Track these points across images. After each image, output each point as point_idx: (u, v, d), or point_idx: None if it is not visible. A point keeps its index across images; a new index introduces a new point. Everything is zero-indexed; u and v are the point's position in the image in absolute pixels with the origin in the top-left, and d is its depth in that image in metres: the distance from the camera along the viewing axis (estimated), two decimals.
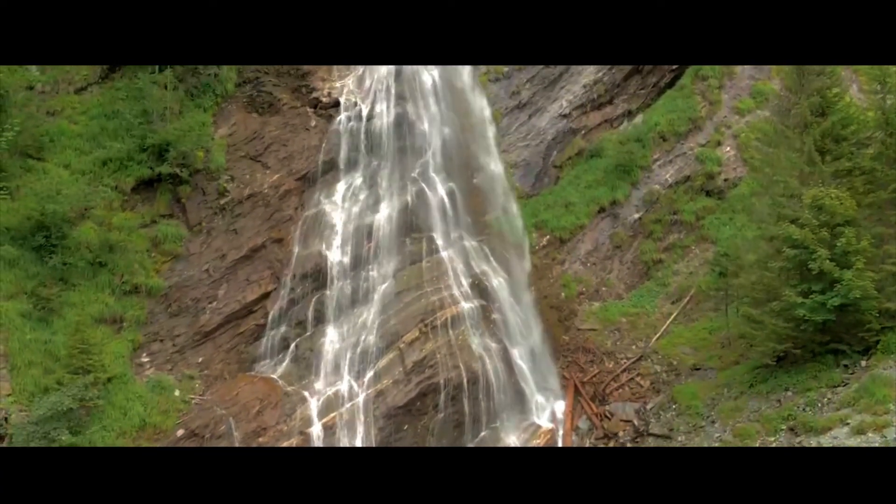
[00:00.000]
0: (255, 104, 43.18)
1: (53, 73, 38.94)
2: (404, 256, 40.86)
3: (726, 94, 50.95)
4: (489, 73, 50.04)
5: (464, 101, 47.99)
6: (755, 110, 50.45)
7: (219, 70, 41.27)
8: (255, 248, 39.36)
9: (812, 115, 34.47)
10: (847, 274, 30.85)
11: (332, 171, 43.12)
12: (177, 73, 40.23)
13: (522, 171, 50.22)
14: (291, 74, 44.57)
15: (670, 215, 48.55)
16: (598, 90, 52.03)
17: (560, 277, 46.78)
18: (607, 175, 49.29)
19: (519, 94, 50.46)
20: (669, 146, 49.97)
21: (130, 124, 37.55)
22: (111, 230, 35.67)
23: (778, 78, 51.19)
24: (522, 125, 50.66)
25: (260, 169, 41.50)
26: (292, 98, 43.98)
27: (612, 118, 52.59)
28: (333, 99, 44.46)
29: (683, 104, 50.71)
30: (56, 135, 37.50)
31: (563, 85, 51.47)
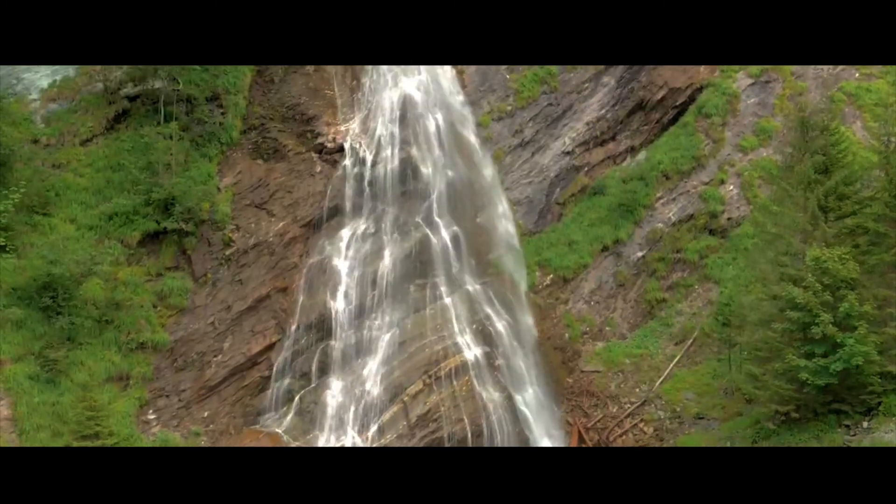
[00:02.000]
0: (260, 151, 43.37)
1: (58, 125, 39.20)
2: (408, 304, 41.11)
3: (729, 132, 51.00)
4: (492, 112, 50.14)
5: (467, 142, 48.17)
6: (759, 148, 50.52)
7: (224, 118, 41.47)
8: (260, 298, 39.60)
9: (816, 172, 34.54)
10: (849, 339, 31.01)
11: (337, 216, 43.33)
12: (182, 123, 40.44)
13: (525, 209, 50.36)
14: (296, 119, 44.76)
15: (673, 254, 48.66)
16: (600, 127, 52.13)
17: (563, 317, 46.95)
18: (610, 213, 49.42)
19: (522, 132, 50.56)
20: (672, 184, 50.08)
21: (136, 178, 37.77)
22: (117, 286, 35.92)
23: (781, 115, 51.28)
24: (525, 162, 50.79)
25: (265, 217, 41.70)
26: (297, 144, 44.15)
27: (615, 154, 52.67)
28: (338, 144, 44.63)
29: (686, 142, 50.77)
30: (62, 189, 37.75)
31: (565, 122, 51.57)
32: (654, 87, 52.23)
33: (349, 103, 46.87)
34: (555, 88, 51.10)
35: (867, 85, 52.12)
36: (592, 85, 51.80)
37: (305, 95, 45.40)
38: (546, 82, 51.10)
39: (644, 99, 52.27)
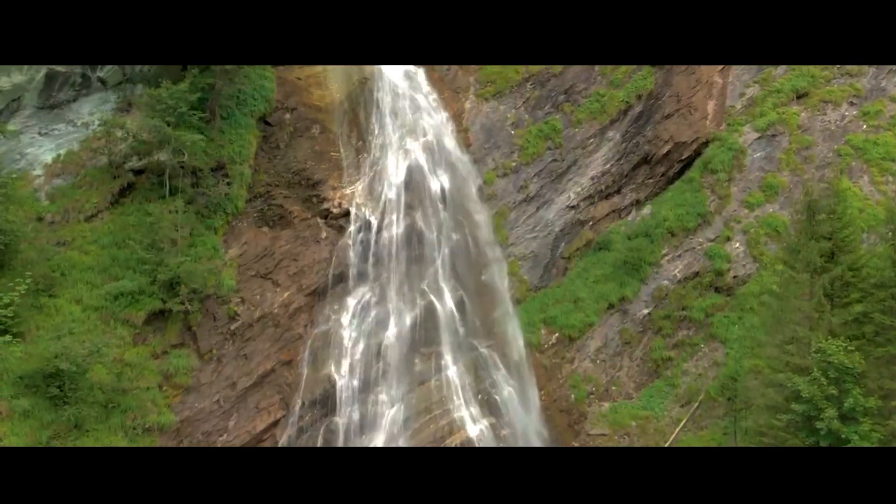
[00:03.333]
0: (265, 218, 43.41)
1: (63, 201, 39.21)
2: (413, 376, 41.19)
3: (735, 187, 50.84)
4: (497, 168, 50.09)
5: (472, 201, 48.19)
6: (765, 204, 50.33)
7: (229, 189, 41.50)
8: (264, 373, 39.70)
9: (822, 258, 34.40)
10: (854, 435, 30.95)
11: (342, 283, 43.39)
12: (187, 196, 40.47)
13: (531, 264, 50.34)
14: (302, 185, 44.78)
15: (679, 311, 48.56)
16: (605, 181, 52.03)
17: (569, 378, 46.93)
18: (616, 270, 49.34)
19: (527, 187, 50.49)
20: (678, 241, 49.95)
21: (142, 257, 37.81)
22: (123, 368, 35.98)
23: (788, 170, 51.13)
24: (530, 217, 50.73)
25: (270, 287, 41.75)
26: (303, 209, 44.17)
27: (620, 208, 52.59)
28: (344, 209, 44.67)
29: (692, 198, 50.63)
30: (67, 268, 37.80)
31: (570, 177, 51.48)
32: (659, 141, 52.09)
33: (355, 164, 46.87)
34: (559, 144, 50.99)
35: (874, 138, 51.84)
36: (597, 140, 51.68)
37: (311, 159, 45.41)
38: (550, 138, 51.02)
39: (649, 153, 52.14)
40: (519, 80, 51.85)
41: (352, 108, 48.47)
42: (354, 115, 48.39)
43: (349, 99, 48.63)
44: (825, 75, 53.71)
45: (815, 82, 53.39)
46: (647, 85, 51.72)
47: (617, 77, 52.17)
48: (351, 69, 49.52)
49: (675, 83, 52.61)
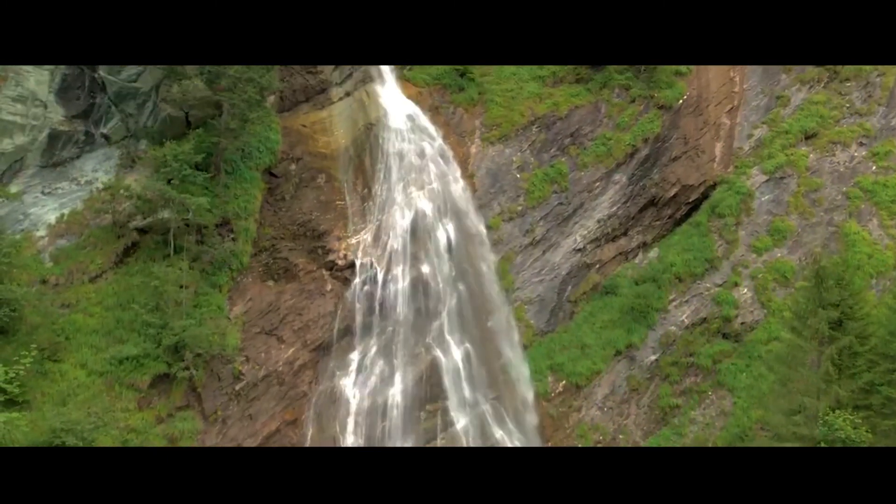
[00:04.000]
0: (270, 272, 43.26)
1: (67, 263, 39.08)
2: (418, 435, 41.04)
3: (743, 231, 50.48)
4: (503, 213, 49.85)
5: (478, 248, 47.99)
6: (773, 248, 49.97)
7: (234, 245, 41.34)
8: (269, 434, 39.61)
9: (830, 327, 34.11)
10: None
11: (347, 337, 43.26)
12: (192, 253, 40.33)
13: (537, 308, 50.11)
14: (307, 236, 44.60)
15: (687, 358, 48.30)
16: (612, 224, 51.75)
17: (577, 427, 46.72)
18: (623, 315, 49.10)
19: (533, 231, 50.23)
20: (685, 287, 49.66)
21: (146, 321, 37.69)
22: (128, 434, 35.89)
23: (796, 214, 50.74)
24: (536, 261, 50.49)
25: (275, 344, 41.62)
26: (308, 261, 44.01)
27: (627, 250, 52.30)
28: (349, 261, 44.49)
29: (699, 242, 50.31)
30: (72, 332, 37.69)
31: (576, 220, 51.21)
32: (666, 184, 51.77)
33: (360, 213, 46.68)
34: (565, 188, 50.72)
35: (884, 180, 51.42)
36: (603, 183, 51.37)
37: (316, 210, 45.23)
38: (556, 181, 50.75)
39: (656, 196, 51.84)
40: (524, 124, 51.57)
41: (357, 154, 48.25)
42: (360, 161, 48.17)
43: (355, 145, 48.41)
44: (834, 115, 53.27)
45: (824, 122, 52.96)
46: (654, 128, 51.37)
47: (623, 120, 51.82)
48: (357, 115, 49.38)
49: (682, 125, 52.27)
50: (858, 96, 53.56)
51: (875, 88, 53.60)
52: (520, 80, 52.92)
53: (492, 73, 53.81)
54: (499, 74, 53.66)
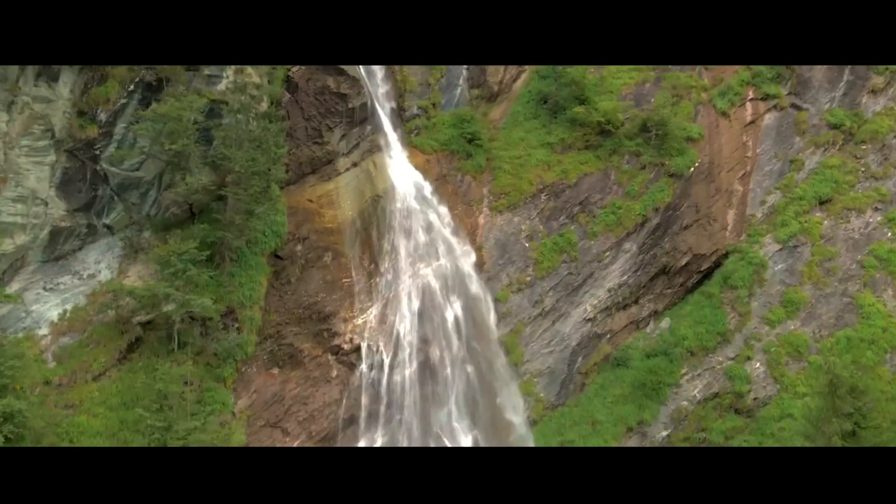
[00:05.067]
0: (275, 359, 42.67)
1: (70, 363, 38.52)
2: None
3: (756, 303, 49.67)
4: (512, 284, 49.13)
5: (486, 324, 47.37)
6: (786, 321, 49.17)
7: (239, 335, 40.74)
8: None
9: (843, 438, 33.46)
10: None
11: (353, 426, 42.74)
12: (196, 346, 39.78)
13: (547, 380, 49.48)
14: (313, 319, 43.96)
15: (699, 433, 47.68)
16: (622, 293, 51.00)
17: None
18: (634, 390, 48.45)
19: (542, 301, 49.52)
20: (697, 360, 48.95)
21: (151, 427, 37.09)
22: None
23: (810, 284, 49.87)
24: (546, 332, 49.81)
25: (280, 437, 41.10)
26: (313, 346, 43.40)
27: (638, 319, 51.57)
28: (355, 345, 43.87)
29: (711, 315, 49.55)
30: (76, 434, 37.15)
31: (586, 290, 50.47)
32: (677, 252, 50.99)
33: (367, 290, 46.02)
34: (575, 257, 49.96)
35: None
36: (613, 252, 50.58)
37: (322, 291, 44.58)
38: (566, 251, 49.98)
39: (668, 264, 51.09)
40: (533, 192, 50.78)
41: (364, 227, 47.57)
42: (367, 234, 47.49)
43: (361, 218, 47.73)
44: (849, 180, 52.31)
45: (839, 187, 52.03)
46: (664, 197, 50.54)
47: (633, 188, 50.98)
48: (364, 186, 48.70)
49: (693, 193, 51.41)
50: (874, 159, 52.59)
51: (891, 151, 52.61)
52: (528, 146, 52.10)
53: (499, 138, 53.06)
54: (507, 140, 52.89)
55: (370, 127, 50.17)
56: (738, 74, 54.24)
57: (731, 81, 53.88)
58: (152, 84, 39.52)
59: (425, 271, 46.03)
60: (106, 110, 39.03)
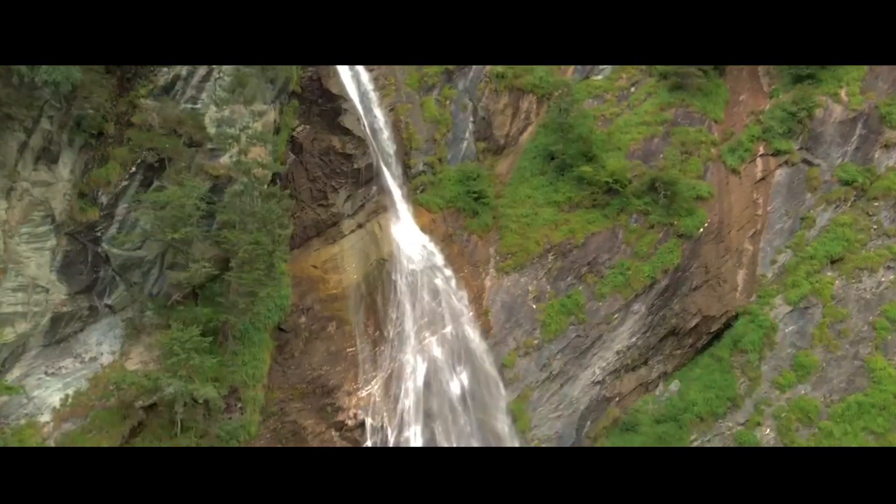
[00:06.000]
0: (279, 437, 42.23)
1: None
2: None
3: (766, 366, 48.98)
4: (519, 348, 48.54)
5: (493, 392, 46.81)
6: (796, 385, 48.47)
7: (242, 416, 40.26)
8: None
9: None
10: None
11: None
12: (199, 430, 39.30)
13: (555, 445, 48.90)
14: (316, 393, 43.49)
15: None
16: (631, 355, 50.37)
17: None
18: None
19: (549, 365, 48.93)
20: (707, 426, 48.33)
21: None
22: None
23: (821, 347, 49.18)
24: (553, 395, 49.24)
25: None
26: (317, 422, 42.92)
27: (647, 381, 50.95)
28: (359, 420, 43.34)
29: (721, 379, 48.90)
30: None
31: (595, 352, 49.85)
32: (687, 314, 50.29)
33: (371, 359, 45.49)
34: (583, 320, 49.32)
35: None
36: (622, 314, 49.92)
37: (326, 363, 44.10)
38: (574, 313, 49.34)
39: (677, 326, 50.41)
40: (540, 252, 50.13)
41: (369, 292, 47.02)
42: (372, 300, 46.94)
43: (367, 282, 47.19)
44: (861, 238, 51.46)
45: (851, 246, 51.19)
46: (673, 259, 49.82)
47: (641, 248, 50.28)
48: (369, 249, 48.17)
49: (703, 253, 50.68)
50: (887, 216, 51.75)
51: None
52: (535, 204, 51.43)
53: (506, 195, 52.39)
54: (513, 197, 52.21)
55: (375, 187, 49.61)
56: (749, 129, 53.47)
57: (741, 137, 53.10)
58: (154, 165, 38.91)
59: (431, 340, 45.52)
60: (107, 193, 38.47)
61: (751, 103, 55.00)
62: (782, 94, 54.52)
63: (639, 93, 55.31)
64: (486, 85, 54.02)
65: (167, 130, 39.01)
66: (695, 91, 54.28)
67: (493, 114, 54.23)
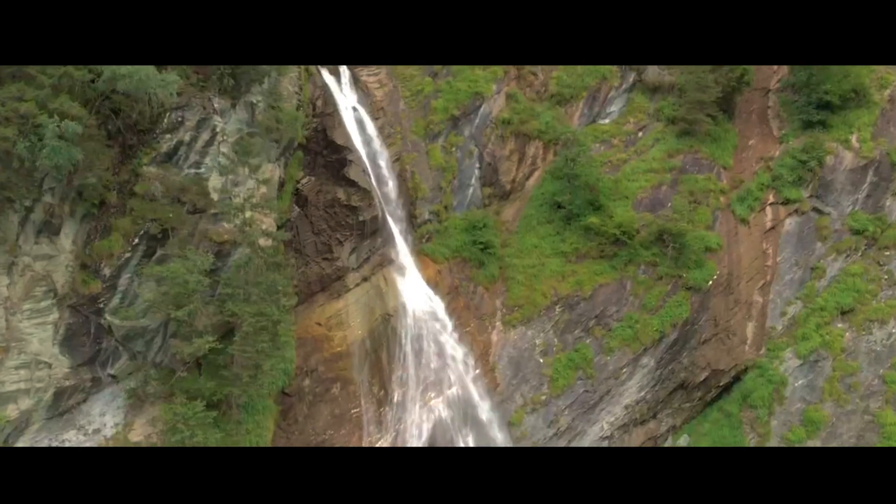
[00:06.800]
0: None
1: None
2: None
3: (776, 421, 48.56)
4: (526, 405, 48.10)
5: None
6: (806, 440, 48.03)
7: None
8: None
9: None
10: None
11: None
12: None
13: None
14: None
15: None
16: (640, 409, 49.95)
17: None
18: None
19: (557, 421, 48.50)
20: None
21: None
22: None
23: (831, 401, 48.72)
24: None
25: None
26: None
27: (656, 436, 50.54)
28: None
29: (730, 435, 48.52)
30: None
31: (603, 407, 49.41)
32: (696, 368, 49.83)
33: (376, 419, 45.08)
34: (591, 375, 48.85)
35: None
36: (631, 368, 49.44)
37: (331, 427, 43.72)
38: (581, 368, 48.88)
39: (686, 380, 49.99)
40: (547, 304, 49.63)
41: (374, 349, 46.59)
42: (377, 357, 46.51)
43: (371, 338, 46.75)
44: (871, 289, 50.93)
45: (861, 297, 50.66)
46: (682, 313, 49.29)
47: (650, 300, 49.74)
48: (374, 303, 47.68)
49: (712, 306, 50.16)
50: None
51: None
52: (542, 254, 50.88)
53: (512, 244, 51.84)
54: (520, 246, 51.65)
55: (381, 239, 49.12)
56: (758, 176, 52.88)
57: (750, 185, 52.50)
58: (157, 236, 38.40)
59: (436, 401, 45.05)
60: (110, 265, 38.01)
61: (760, 148, 54.36)
62: (792, 139, 53.88)
63: (646, 138, 54.70)
64: (492, 131, 53.39)
65: (170, 199, 38.51)
66: (703, 136, 53.66)
67: (499, 160, 53.62)
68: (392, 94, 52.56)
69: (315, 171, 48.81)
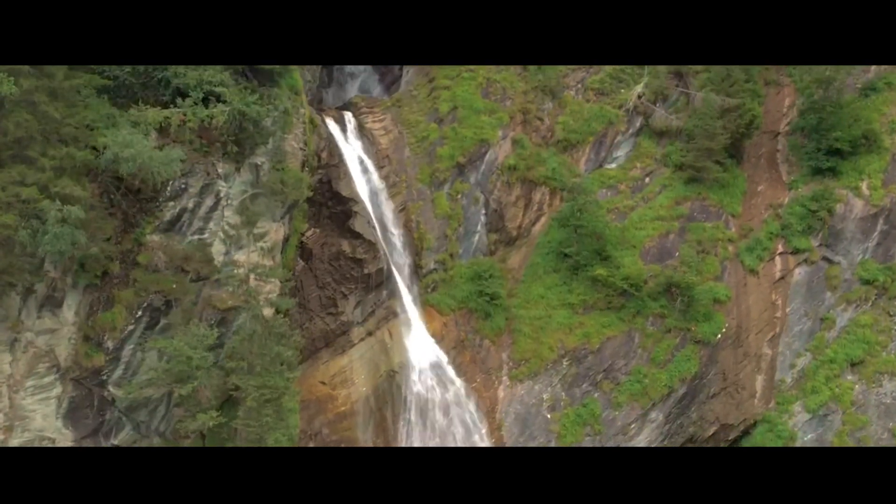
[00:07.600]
0: None
1: None
2: None
3: None
4: None
5: None
6: None
7: None
8: None
9: None
10: None
11: None
12: None
13: None
14: None
15: None
16: None
17: None
18: None
19: None
20: None
21: None
22: None
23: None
24: None
25: None
26: None
27: None
28: None
29: None
30: None
31: None
32: (705, 422, 49.37)
33: None
34: (599, 431, 48.37)
35: None
36: (639, 423, 48.97)
37: None
38: (589, 423, 48.41)
39: (695, 434, 49.49)
40: (554, 358, 49.15)
41: (379, 407, 46.16)
42: (381, 415, 46.08)
43: (376, 395, 46.33)
44: (881, 340, 50.40)
45: (871, 348, 50.13)
46: (691, 368, 48.82)
47: (658, 354, 49.24)
48: (378, 359, 47.28)
49: (721, 359, 49.69)
50: None
51: None
52: (549, 305, 50.34)
53: (519, 294, 51.31)
54: (526, 296, 51.13)
55: (386, 291, 48.64)
56: (767, 225, 52.30)
57: (759, 234, 51.93)
58: (160, 308, 37.97)
59: None
60: (113, 337, 37.64)
61: (769, 194, 53.79)
62: (801, 186, 53.28)
63: (653, 184, 54.13)
64: (498, 177, 52.79)
65: (174, 268, 38.04)
66: (711, 183, 53.07)
67: (505, 206, 53.03)
68: (397, 140, 51.99)
69: (320, 222, 48.30)
